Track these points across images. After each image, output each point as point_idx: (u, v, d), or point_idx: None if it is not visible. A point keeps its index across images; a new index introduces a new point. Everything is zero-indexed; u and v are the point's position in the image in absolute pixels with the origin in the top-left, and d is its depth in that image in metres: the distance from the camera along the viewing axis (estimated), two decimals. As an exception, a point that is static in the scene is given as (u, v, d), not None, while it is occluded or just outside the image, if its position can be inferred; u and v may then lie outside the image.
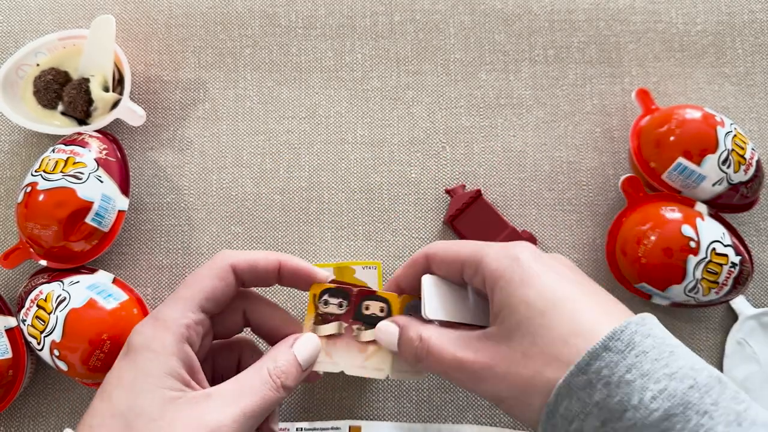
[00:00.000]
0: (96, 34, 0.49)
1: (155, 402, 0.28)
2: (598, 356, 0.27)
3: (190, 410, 0.29)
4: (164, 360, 0.30)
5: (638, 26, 0.54)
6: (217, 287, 0.33)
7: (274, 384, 0.31)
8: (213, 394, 0.30)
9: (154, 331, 0.31)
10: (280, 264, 0.34)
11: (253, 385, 0.31)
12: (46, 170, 0.45)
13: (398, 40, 0.54)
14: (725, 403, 0.25)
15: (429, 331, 0.32)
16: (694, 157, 0.45)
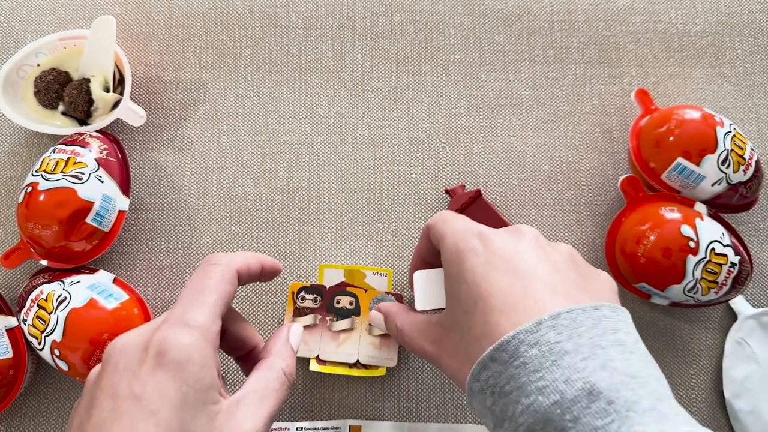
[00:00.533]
0: (96, 35, 0.49)
1: (204, 421, 0.28)
2: (486, 366, 0.28)
3: (228, 422, 0.28)
4: (209, 371, 0.28)
5: (637, 27, 0.54)
6: (230, 293, 0.32)
7: (288, 382, 0.33)
8: (241, 400, 0.30)
9: (194, 340, 0.28)
10: (262, 265, 0.35)
11: (273, 387, 0.31)
12: (46, 170, 0.45)
13: (398, 41, 0.54)
14: (586, 419, 0.25)
15: (403, 321, 0.38)
16: (693, 158, 0.45)
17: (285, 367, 0.33)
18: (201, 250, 0.50)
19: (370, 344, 0.46)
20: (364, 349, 0.46)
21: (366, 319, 0.46)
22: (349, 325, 0.46)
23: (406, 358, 0.48)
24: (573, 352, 0.26)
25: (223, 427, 0.28)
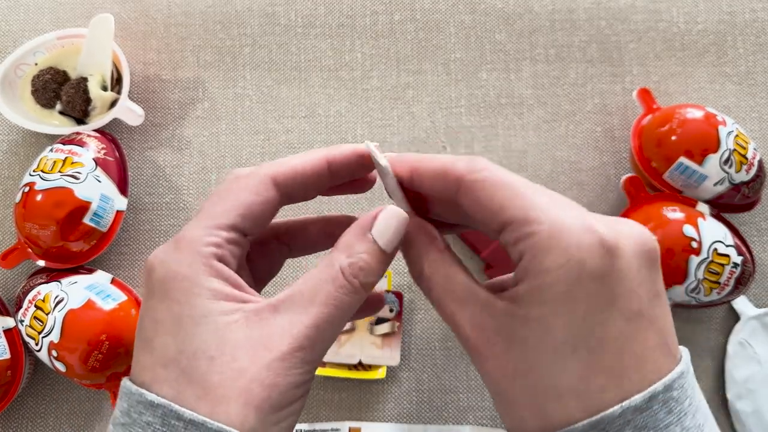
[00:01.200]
0: (94, 33, 0.49)
1: (211, 335, 0.23)
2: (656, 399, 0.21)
3: (250, 331, 0.23)
4: (203, 284, 0.23)
5: (639, 25, 0.54)
6: (254, 203, 0.25)
7: (351, 287, 0.24)
8: (280, 306, 0.24)
9: (178, 255, 0.24)
10: (328, 162, 0.27)
11: (325, 289, 0.24)
12: (44, 170, 0.45)
13: (398, 39, 0.53)
14: None
15: (434, 268, 0.25)
16: (695, 157, 0.45)
17: (347, 264, 0.24)
18: (200, 251, 0.50)
19: (372, 344, 0.46)
20: (366, 350, 0.46)
21: (367, 319, 0.46)
22: (350, 325, 0.46)
23: (406, 358, 0.48)
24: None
25: (244, 337, 0.23)
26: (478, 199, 0.24)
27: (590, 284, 0.22)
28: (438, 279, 0.25)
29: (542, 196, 0.24)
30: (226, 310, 0.23)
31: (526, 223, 0.23)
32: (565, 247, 0.22)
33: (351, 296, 0.24)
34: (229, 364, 0.22)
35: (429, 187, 0.26)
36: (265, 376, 0.22)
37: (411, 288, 0.49)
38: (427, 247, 0.26)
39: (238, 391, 0.22)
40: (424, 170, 0.26)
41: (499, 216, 0.24)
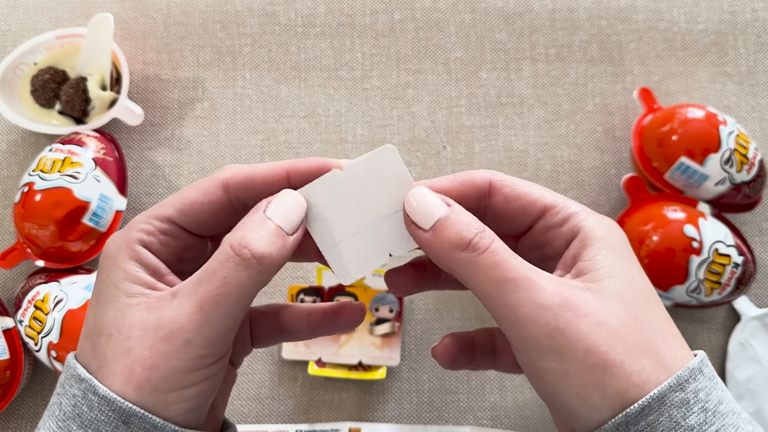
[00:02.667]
0: (94, 33, 0.49)
1: (114, 314, 0.24)
2: (696, 376, 0.22)
3: (147, 315, 0.23)
4: (121, 263, 0.25)
5: (640, 25, 0.54)
6: (197, 200, 0.26)
7: (240, 259, 0.23)
8: (178, 292, 0.24)
9: (116, 235, 0.26)
10: (288, 172, 0.27)
11: (211, 267, 0.24)
12: (43, 170, 0.45)
13: (398, 39, 0.53)
14: None
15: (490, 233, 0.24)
16: (696, 157, 0.45)
17: (234, 239, 0.24)
18: (199, 251, 0.50)
19: (372, 344, 0.46)
20: (366, 350, 0.46)
21: (368, 319, 0.46)
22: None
23: (406, 358, 0.48)
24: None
25: (139, 319, 0.23)
26: (513, 192, 0.26)
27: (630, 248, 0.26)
28: (502, 242, 0.24)
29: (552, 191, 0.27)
30: (132, 293, 0.24)
31: (567, 205, 0.26)
32: (605, 220, 0.26)
33: (240, 270, 0.23)
34: (121, 343, 0.23)
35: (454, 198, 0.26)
36: (146, 356, 0.23)
37: (411, 288, 0.49)
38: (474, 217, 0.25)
39: (121, 368, 0.23)
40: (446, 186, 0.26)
41: (539, 202, 0.26)
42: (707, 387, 0.22)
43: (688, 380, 0.21)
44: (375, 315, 0.46)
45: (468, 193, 0.26)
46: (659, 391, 0.21)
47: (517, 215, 0.26)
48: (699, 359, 0.22)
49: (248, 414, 0.47)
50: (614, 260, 0.24)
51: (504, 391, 0.47)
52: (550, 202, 0.26)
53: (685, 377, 0.21)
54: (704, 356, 0.23)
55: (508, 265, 0.23)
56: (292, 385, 0.47)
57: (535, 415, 0.47)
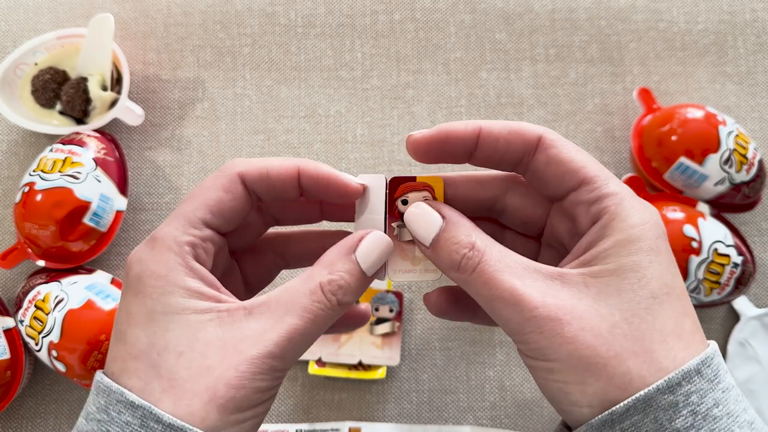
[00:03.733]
0: (94, 33, 0.49)
1: (180, 333, 0.23)
2: (690, 379, 0.22)
3: (223, 332, 0.23)
4: (176, 281, 0.24)
5: (640, 25, 0.54)
6: (223, 199, 0.26)
7: (328, 303, 0.25)
8: (254, 310, 0.24)
9: (154, 253, 0.25)
10: (300, 171, 0.27)
11: (302, 302, 0.24)
12: (44, 170, 0.45)
13: (398, 39, 0.53)
14: None
15: (486, 242, 0.25)
16: (696, 157, 0.45)
17: (326, 281, 0.25)
18: (199, 251, 0.50)
19: (372, 344, 0.46)
20: (366, 349, 0.46)
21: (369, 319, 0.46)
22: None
23: (406, 358, 0.48)
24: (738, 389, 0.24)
25: (216, 337, 0.23)
26: (558, 156, 0.25)
27: (664, 241, 0.24)
28: (493, 253, 0.24)
29: (605, 168, 0.26)
30: (200, 309, 0.24)
31: (606, 184, 0.24)
32: (644, 208, 0.24)
33: (326, 312, 0.25)
34: (197, 361, 0.23)
35: (500, 145, 0.26)
36: (232, 376, 0.23)
37: (411, 288, 0.49)
38: (473, 227, 0.26)
39: (203, 387, 0.22)
40: (495, 128, 0.26)
41: (579, 173, 0.25)
42: (703, 389, 0.22)
43: (680, 383, 0.22)
44: (375, 314, 0.47)
45: (514, 143, 0.26)
46: (645, 393, 0.21)
47: (554, 180, 0.26)
48: (699, 360, 0.22)
49: (248, 414, 0.47)
50: (627, 255, 0.23)
51: (504, 391, 0.47)
52: (590, 176, 0.25)
53: (677, 380, 0.22)
54: (709, 355, 0.22)
55: (495, 283, 0.24)
56: (292, 385, 0.47)
57: (535, 415, 0.47)
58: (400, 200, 0.29)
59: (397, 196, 0.29)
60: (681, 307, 0.23)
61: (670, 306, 0.23)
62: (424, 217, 0.26)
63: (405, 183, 0.28)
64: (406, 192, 0.29)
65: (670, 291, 0.23)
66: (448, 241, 0.25)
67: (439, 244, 0.25)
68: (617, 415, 0.21)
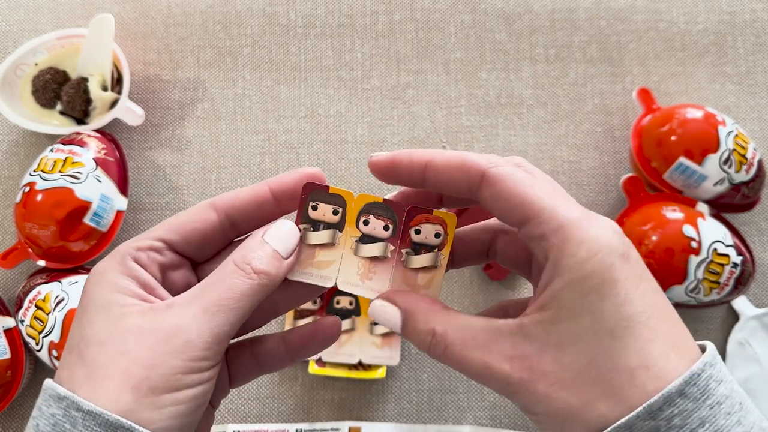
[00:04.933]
0: (94, 34, 0.49)
1: (103, 324, 0.24)
2: (673, 402, 0.22)
3: (142, 320, 0.24)
4: (110, 279, 0.25)
5: (639, 25, 0.54)
6: (188, 221, 0.27)
7: (243, 271, 0.26)
8: (175, 302, 0.25)
9: (106, 259, 0.26)
10: (270, 188, 0.28)
11: (217, 277, 0.25)
12: (44, 170, 0.45)
13: (398, 39, 0.53)
14: None
15: (445, 323, 0.25)
16: (695, 157, 0.45)
17: (237, 257, 0.26)
18: (200, 250, 0.50)
19: (372, 344, 0.46)
20: (366, 349, 0.46)
21: (368, 319, 0.46)
22: (350, 325, 0.46)
23: (406, 358, 0.48)
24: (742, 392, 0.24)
25: (131, 326, 0.24)
26: (502, 191, 0.25)
27: (623, 265, 0.23)
28: (454, 332, 0.25)
29: (559, 194, 0.25)
30: (125, 303, 0.25)
31: (552, 217, 0.24)
32: (595, 236, 0.23)
33: (243, 280, 0.25)
34: (115, 347, 0.24)
35: (445, 180, 0.26)
36: (146, 357, 0.23)
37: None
38: (430, 310, 0.26)
39: (119, 370, 0.23)
40: (440, 163, 0.26)
41: (524, 209, 0.24)
42: (687, 410, 0.22)
43: (661, 408, 0.22)
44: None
45: (458, 178, 0.26)
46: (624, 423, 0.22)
47: (503, 215, 0.26)
48: (681, 381, 0.22)
49: (248, 413, 0.47)
50: (579, 297, 0.23)
51: (503, 390, 0.47)
52: (534, 211, 0.24)
53: (657, 405, 0.22)
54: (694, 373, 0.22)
55: (466, 361, 0.24)
56: (292, 385, 0.47)
57: (534, 414, 0.47)
58: (414, 229, 0.30)
59: (413, 225, 0.30)
60: (647, 333, 0.23)
61: (632, 339, 0.23)
62: (384, 313, 0.27)
63: (422, 214, 0.29)
64: (420, 222, 0.30)
65: (629, 323, 0.23)
66: (413, 331, 0.26)
67: (406, 334, 0.27)
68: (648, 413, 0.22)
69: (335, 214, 0.29)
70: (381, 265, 0.30)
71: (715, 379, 0.23)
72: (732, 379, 0.23)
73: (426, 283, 0.29)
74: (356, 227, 0.29)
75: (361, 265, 0.30)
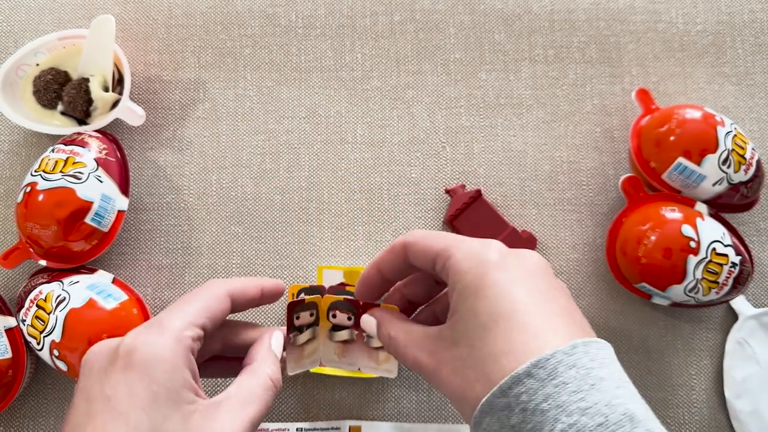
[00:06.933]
0: (96, 34, 0.49)
1: (178, 420, 0.28)
2: (520, 381, 0.27)
3: (205, 423, 0.28)
4: (180, 372, 0.29)
5: (638, 26, 0.54)
6: (217, 309, 0.32)
7: (275, 389, 0.32)
8: (221, 403, 0.30)
9: (164, 340, 0.29)
10: (262, 289, 0.36)
11: (257, 393, 0.31)
12: (45, 170, 0.45)
13: (398, 40, 0.54)
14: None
15: (396, 330, 0.34)
16: (694, 157, 0.45)
17: (271, 373, 0.32)
18: (200, 250, 0.50)
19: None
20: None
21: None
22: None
23: (406, 358, 0.48)
24: (608, 379, 0.27)
25: (201, 427, 0.28)
26: (418, 249, 0.33)
27: (496, 273, 0.30)
28: (400, 336, 0.33)
29: (457, 238, 0.33)
30: (190, 400, 0.29)
31: (446, 251, 0.32)
32: (472, 253, 0.31)
33: (273, 398, 0.32)
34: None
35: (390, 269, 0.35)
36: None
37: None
38: (389, 320, 0.35)
39: None
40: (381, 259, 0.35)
41: (429, 254, 0.32)
42: (533, 388, 0.27)
43: (510, 387, 0.27)
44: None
45: (394, 258, 0.35)
46: (485, 401, 0.28)
47: (425, 267, 0.33)
48: (528, 364, 0.27)
49: (249, 413, 0.47)
50: (463, 302, 0.30)
51: (503, 389, 0.47)
52: (436, 252, 0.32)
53: (507, 384, 0.27)
54: (543, 358, 0.27)
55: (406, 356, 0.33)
56: (293, 384, 0.47)
57: (534, 413, 0.47)
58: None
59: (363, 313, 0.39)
60: (512, 325, 0.29)
61: (500, 330, 0.29)
62: (368, 322, 0.37)
63: (371, 307, 0.37)
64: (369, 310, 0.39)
65: (498, 318, 0.29)
66: (381, 335, 0.35)
67: (379, 337, 0.35)
68: (476, 419, 0.28)
69: (311, 316, 0.39)
70: (351, 345, 0.40)
71: (566, 364, 0.27)
72: (596, 367, 0.27)
73: (385, 358, 0.39)
74: (327, 320, 0.38)
75: (336, 347, 0.39)
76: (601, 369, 0.28)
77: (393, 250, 0.35)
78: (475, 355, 0.29)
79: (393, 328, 0.35)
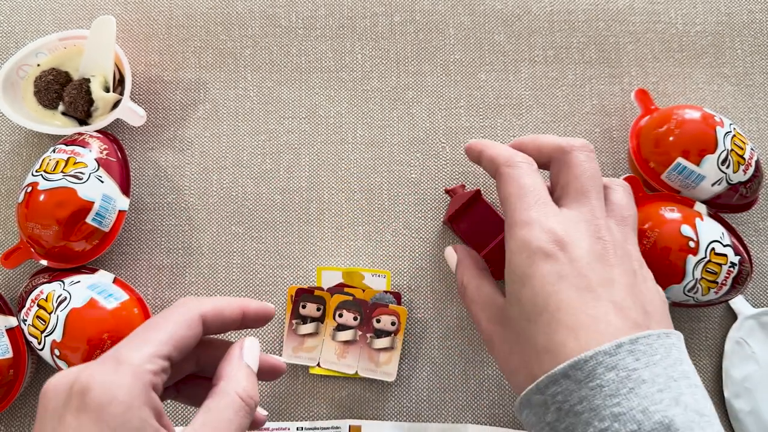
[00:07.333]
0: (97, 35, 0.49)
1: None
2: (556, 381, 0.27)
3: None
4: (137, 412, 0.25)
5: (637, 27, 0.54)
6: (185, 336, 0.29)
7: (247, 406, 0.28)
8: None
9: (119, 378, 0.26)
10: (244, 311, 0.32)
11: (226, 418, 0.27)
12: (46, 170, 0.45)
13: (398, 41, 0.54)
14: None
15: (469, 279, 0.36)
16: (693, 158, 0.45)
17: (240, 389, 0.28)
18: (201, 250, 0.50)
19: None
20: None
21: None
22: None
23: (406, 357, 0.48)
24: (649, 381, 0.26)
25: None
26: (499, 188, 0.34)
27: (543, 264, 0.30)
28: (471, 288, 0.35)
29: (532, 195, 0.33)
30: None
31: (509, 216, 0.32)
32: (523, 237, 0.31)
33: (249, 416, 0.28)
34: None
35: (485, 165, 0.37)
36: None
37: (411, 288, 0.49)
38: (468, 266, 0.37)
39: None
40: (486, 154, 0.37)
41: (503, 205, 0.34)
42: (569, 389, 0.27)
43: (547, 385, 0.28)
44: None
45: (489, 168, 0.36)
46: (523, 395, 0.29)
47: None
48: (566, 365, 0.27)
49: (249, 412, 0.47)
50: (510, 283, 0.31)
51: (502, 389, 0.47)
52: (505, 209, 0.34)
53: (544, 383, 0.28)
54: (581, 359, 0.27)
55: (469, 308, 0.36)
56: (293, 384, 0.48)
57: (533, 413, 0.47)
58: (375, 319, 0.43)
59: (374, 316, 0.40)
60: (554, 323, 0.29)
61: (541, 324, 0.29)
62: (451, 255, 0.39)
63: (381, 307, 0.39)
64: (380, 314, 0.41)
65: (541, 312, 0.29)
66: (457, 274, 0.38)
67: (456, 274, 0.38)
68: (518, 409, 0.30)
69: (318, 311, 0.38)
70: (352, 346, 0.39)
71: (606, 365, 0.27)
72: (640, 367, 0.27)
73: (386, 360, 0.39)
74: (333, 319, 0.38)
75: (337, 347, 0.39)
76: (646, 369, 0.27)
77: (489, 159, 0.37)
78: (522, 342, 0.30)
79: (468, 275, 0.37)
